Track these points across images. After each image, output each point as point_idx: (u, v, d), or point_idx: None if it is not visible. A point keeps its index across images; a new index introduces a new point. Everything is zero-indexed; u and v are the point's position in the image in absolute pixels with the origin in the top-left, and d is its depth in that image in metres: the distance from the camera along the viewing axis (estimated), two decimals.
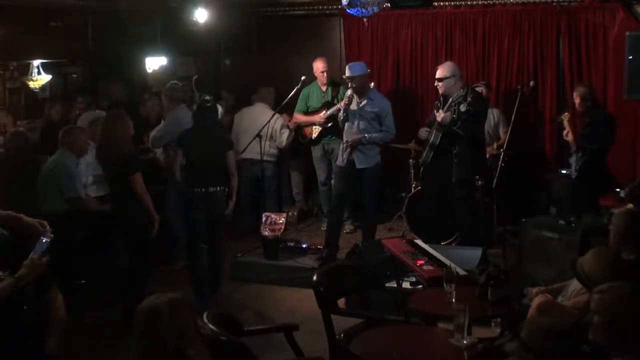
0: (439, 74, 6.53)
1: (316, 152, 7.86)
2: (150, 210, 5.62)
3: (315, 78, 7.78)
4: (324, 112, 7.63)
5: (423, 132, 6.65)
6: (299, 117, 7.85)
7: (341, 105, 6.81)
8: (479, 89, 7.43)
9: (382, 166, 6.93)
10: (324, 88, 7.74)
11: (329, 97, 7.71)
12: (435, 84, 6.57)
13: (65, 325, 3.58)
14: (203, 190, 6.00)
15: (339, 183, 6.94)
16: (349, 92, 6.72)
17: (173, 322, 2.81)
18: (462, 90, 6.43)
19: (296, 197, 8.51)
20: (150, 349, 2.80)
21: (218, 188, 6.05)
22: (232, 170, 6.18)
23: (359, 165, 6.74)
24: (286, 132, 7.80)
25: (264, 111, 7.82)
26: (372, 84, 7.24)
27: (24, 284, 3.38)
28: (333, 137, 7.70)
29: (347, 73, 6.70)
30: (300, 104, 7.82)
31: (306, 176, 8.43)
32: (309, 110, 7.78)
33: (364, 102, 6.71)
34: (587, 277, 3.70)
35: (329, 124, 7.58)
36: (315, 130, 7.73)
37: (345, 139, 6.79)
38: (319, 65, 7.68)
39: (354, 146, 6.68)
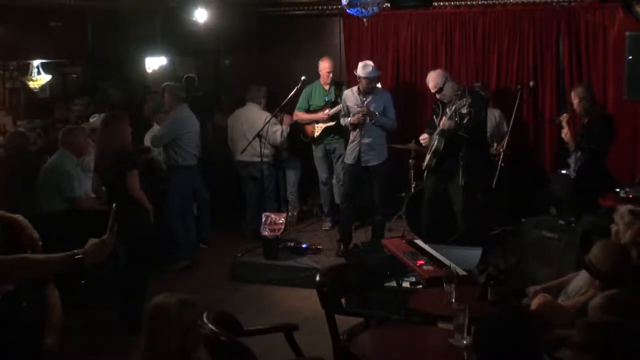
0: (432, 86, 6.50)
1: (318, 151, 7.84)
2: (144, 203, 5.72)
3: (317, 77, 7.77)
4: (327, 109, 7.63)
5: (425, 138, 6.60)
6: (301, 115, 7.82)
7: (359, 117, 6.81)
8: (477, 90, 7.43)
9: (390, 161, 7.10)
10: (326, 87, 7.72)
11: (332, 96, 7.70)
12: (438, 96, 6.55)
13: (62, 323, 3.57)
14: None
15: (349, 181, 6.98)
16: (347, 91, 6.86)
17: (180, 322, 2.83)
18: (459, 92, 6.42)
19: (289, 197, 8.39)
20: (155, 346, 2.82)
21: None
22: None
23: (369, 163, 6.81)
24: (278, 130, 7.73)
25: (255, 111, 7.81)
26: None
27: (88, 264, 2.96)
28: (335, 137, 7.71)
29: (367, 74, 6.73)
30: (301, 102, 7.80)
31: (302, 175, 8.39)
32: (311, 109, 7.77)
33: (369, 99, 6.85)
34: (594, 265, 3.75)
35: (333, 123, 7.58)
36: (318, 129, 7.71)
37: (359, 138, 6.81)
38: (325, 65, 7.66)
39: (366, 114, 6.72)
